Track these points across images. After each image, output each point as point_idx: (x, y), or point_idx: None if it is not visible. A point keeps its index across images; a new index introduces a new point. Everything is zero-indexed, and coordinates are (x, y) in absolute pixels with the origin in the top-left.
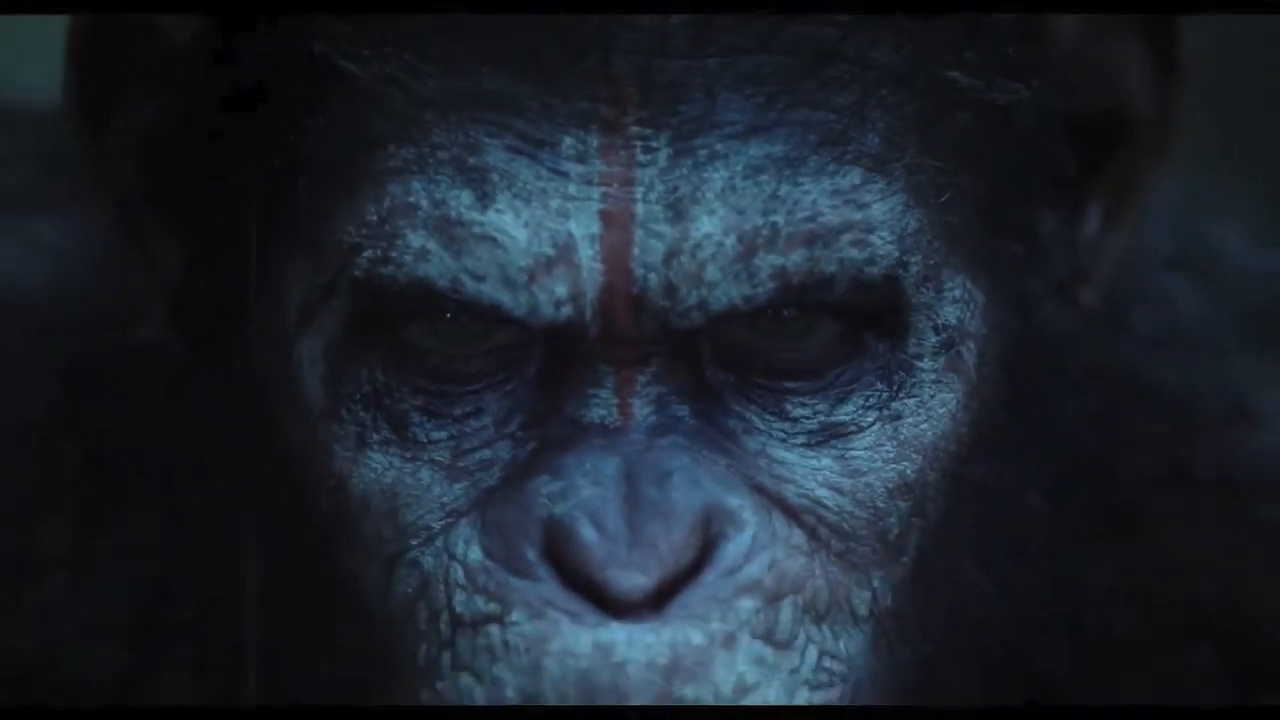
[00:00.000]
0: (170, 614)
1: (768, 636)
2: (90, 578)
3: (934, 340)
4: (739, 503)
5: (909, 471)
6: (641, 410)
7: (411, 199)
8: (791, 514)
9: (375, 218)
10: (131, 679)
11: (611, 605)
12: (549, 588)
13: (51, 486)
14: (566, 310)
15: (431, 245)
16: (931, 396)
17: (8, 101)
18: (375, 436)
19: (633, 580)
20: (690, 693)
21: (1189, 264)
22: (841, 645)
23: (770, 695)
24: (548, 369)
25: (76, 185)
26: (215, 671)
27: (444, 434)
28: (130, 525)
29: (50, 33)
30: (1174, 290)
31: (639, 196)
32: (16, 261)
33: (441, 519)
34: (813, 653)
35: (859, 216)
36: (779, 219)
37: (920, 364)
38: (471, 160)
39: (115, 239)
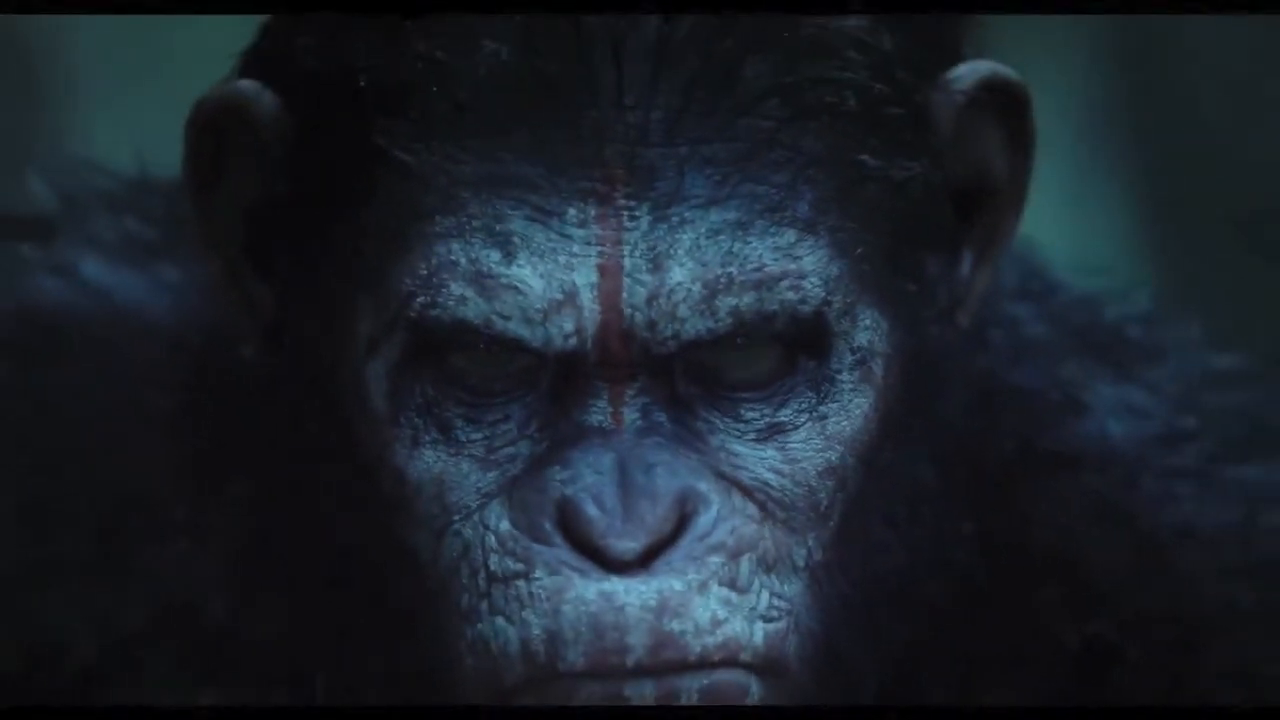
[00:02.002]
0: (265, 567)
1: (731, 584)
2: (204, 540)
3: (850, 358)
4: (706, 486)
5: (833, 458)
6: (630, 416)
7: (452, 258)
8: (746, 492)
9: (425, 272)
10: (235, 614)
11: (610, 564)
12: (562, 551)
13: (175, 470)
14: (572, 341)
15: (468, 293)
16: (849, 401)
17: (147, 173)
18: (426, 437)
19: (626, 545)
20: (675, 626)
21: (1030, 293)
22: (785, 589)
23: (733, 628)
24: (557, 385)
25: (193, 239)
26: (303, 612)
27: (479, 435)
28: (235, 500)
29: (177, 120)
30: (1020, 313)
31: (626, 253)
32: (148, 294)
33: (478, 499)
34: (765, 595)
35: (794, 267)
36: (733, 270)
37: (840, 376)
38: (498, 227)
39: (221, 283)
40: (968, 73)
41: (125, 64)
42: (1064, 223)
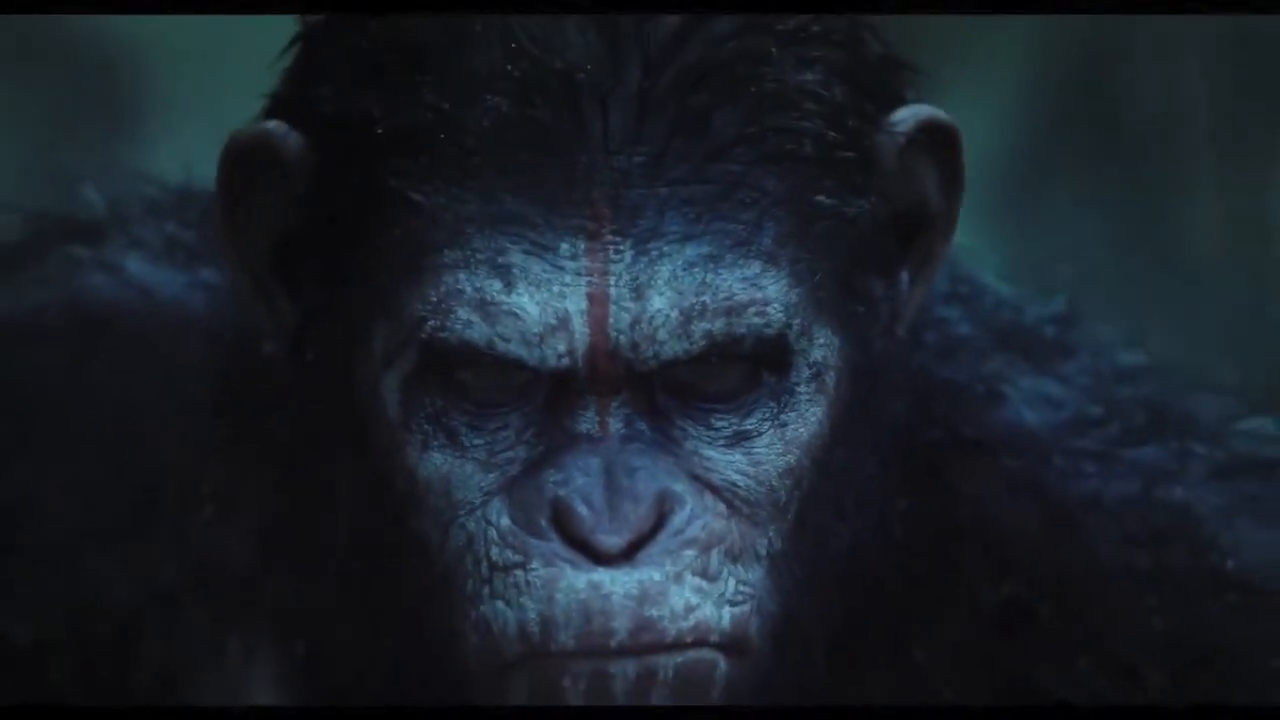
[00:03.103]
0: (286, 540)
1: (703, 574)
2: (230, 510)
3: (808, 373)
4: (681, 487)
5: (792, 460)
6: (614, 425)
7: (459, 286)
8: (715, 492)
9: (435, 299)
10: (254, 580)
11: (598, 557)
12: (556, 544)
13: (204, 449)
14: (565, 360)
15: (473, 318)
16: (806, 410)
17: (191, 184)
18: (435, 442)
19: (612, 540)
20: (654, 613)
21: (958, 296)
22: (749, 576)
23: (704, 613)
24: (551, 398)
25: (223, 256)
26: (316, 581)
27: (481, 441)
28: (259, 478)
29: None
30: (949, 315)
31: (612, 283)
32: (186, 292)
33: (481, 497)
34: (731, 582)
35: (760, 295)
36: (706, 298)
37: (799, 389)
38: (499, 260)
39: (247, 295)
40: (908, 116)
41: (193, 80)
42: (985, 234)
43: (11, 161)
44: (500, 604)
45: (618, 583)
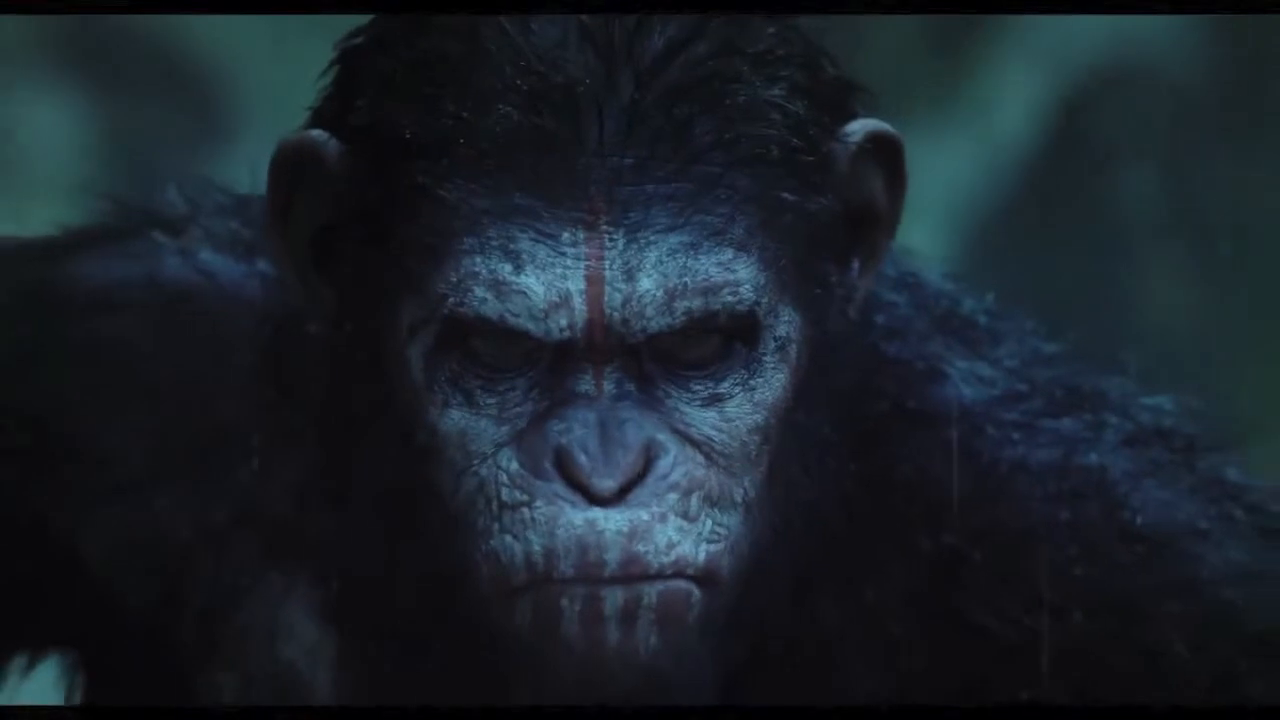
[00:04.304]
0: (323, 487)
1: (684, 515)
2: (275, 461)
3: (773, 345)
4: (665, 438)
5: (759, 419)
6: (608, 386)
7: (475, 269)
8: (695, 444)
9: (454, 280)
10: (294, 523)
11: (594, 498)
12: (558, 486)
13: (254, 408)
14: (566, 333)
15: (488, 296)
16: (772, 376)
17: (252, 191)
18: (453, 401)
19: (606, 484)
20: (641, 548)
21: (905, 285)
22: (726, 520)
23: (683, 549)
24: (554, 364)
25: (272, 250)
26: (348, 523)
27: (493, 400)
28: (298, 436)
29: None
30: (897, 300)
31: (607, 267)
32: (245, 279)
33: (493, 447)
34: (709, 523)
35: (732, 278)
36: (687, 280)
37: (765, 358)
38: (510, 246)
39: (293, 283)
40: (859, 128)
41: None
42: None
43: (111, 160)
44: (509, 538)
45: (610, 520)
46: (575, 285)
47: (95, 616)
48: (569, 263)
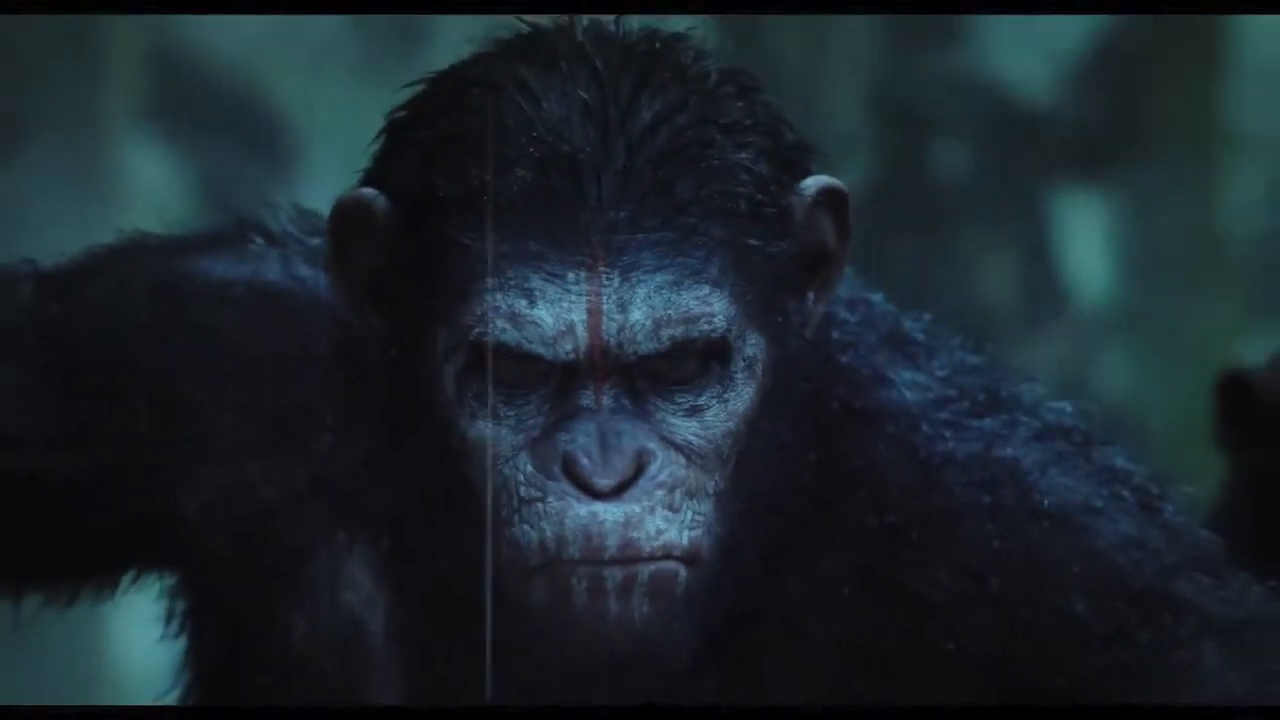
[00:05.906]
0: (377, 467)
1: (669, 507)
2: (341, 442)
3: (743, 364)
4: (654, 445)
5: (731, 426)
6: (606, 401)
7: (496, 304)
8: (678, 448)
9: (479, 313)
10: (356, 492)
11: (595, 494)
12: (564, 485)
13: (328, 393)
14: (571, 356)
15: (507, 326)
16: (742, 390)
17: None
18: (479, 413)
19: (605, 482)
20: (635, 535)
21: (855, 303)
22: (702, 508)
23: (670, 535)
24: (561, 382)
25: (333, 290)
26: (399, 500)
27: (512, 412)
28: (362, 423)
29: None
30: (848, 317)
31: (604, 302)
32: (325, 289)
33: (511, 452)
34: (690, 513)
35: (709, 310)
36: (671, 312)
37: (736, 375)
38: (525, 285)
39: (351, 315)
40: (812, 183)
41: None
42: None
43: (223, 182)
44: (526, 527)
45: (609, 513)
46: (579, 316)
47: (189, 553)
48: (573, 298)
